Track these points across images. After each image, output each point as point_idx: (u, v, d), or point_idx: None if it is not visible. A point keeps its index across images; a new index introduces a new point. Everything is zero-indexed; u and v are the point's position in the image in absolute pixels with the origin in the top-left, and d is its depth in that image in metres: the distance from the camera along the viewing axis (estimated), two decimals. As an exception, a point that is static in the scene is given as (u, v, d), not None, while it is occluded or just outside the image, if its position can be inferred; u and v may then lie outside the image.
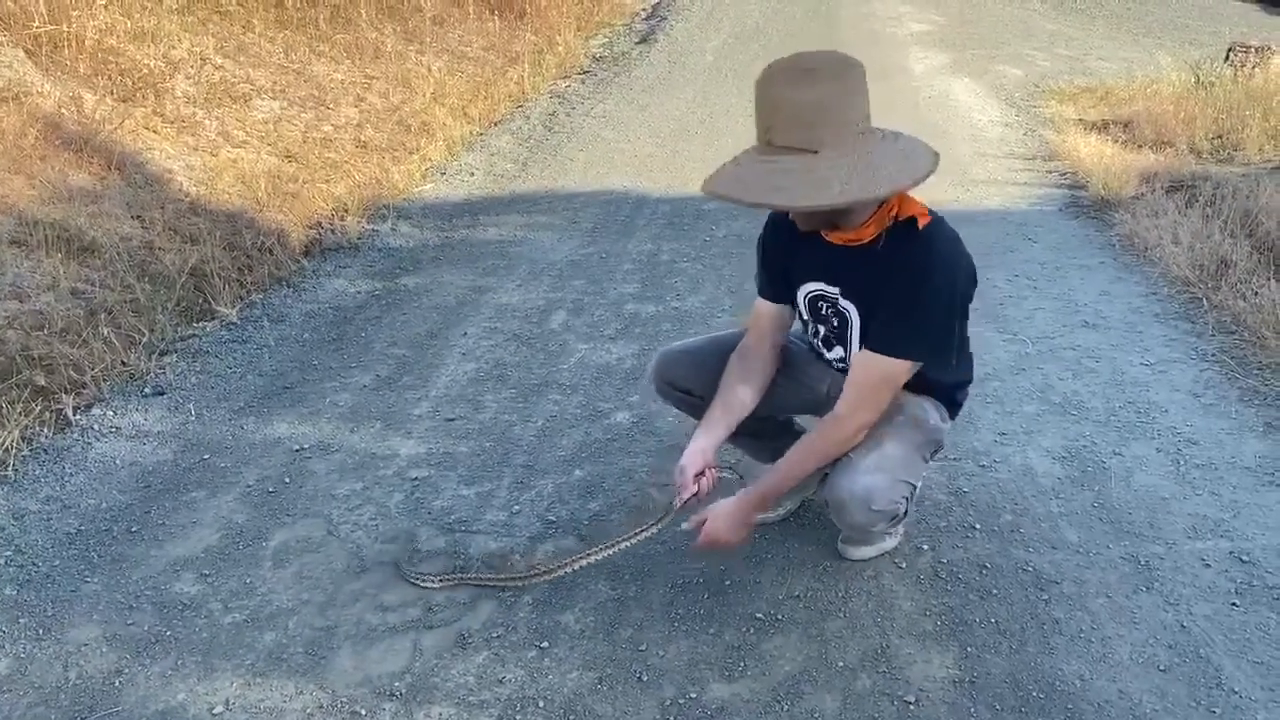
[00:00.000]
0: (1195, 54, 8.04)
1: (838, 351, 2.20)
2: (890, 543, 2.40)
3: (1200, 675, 2.02)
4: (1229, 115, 6.15)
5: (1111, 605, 2.23)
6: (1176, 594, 2.26)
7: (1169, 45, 9.55)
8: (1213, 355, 3.41)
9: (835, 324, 2.15)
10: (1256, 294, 3.66)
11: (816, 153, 1.75)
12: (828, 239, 2.02)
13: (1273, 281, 3.71)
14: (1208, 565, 2.35)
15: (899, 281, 1.93)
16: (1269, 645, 2.10)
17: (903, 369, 2.00)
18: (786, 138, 1.77)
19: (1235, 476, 2.71)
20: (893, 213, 1.93)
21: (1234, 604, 2.22)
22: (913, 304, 1.93)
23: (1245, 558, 2.37)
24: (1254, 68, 7.16)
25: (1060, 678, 2.02)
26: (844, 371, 2.21)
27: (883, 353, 1.98)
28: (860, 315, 2.08)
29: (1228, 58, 7.54)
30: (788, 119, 1.76)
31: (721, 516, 2.08)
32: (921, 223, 1.92)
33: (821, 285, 2.12)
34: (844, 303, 2.09)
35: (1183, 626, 2.15)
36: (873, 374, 2.01)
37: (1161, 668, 2.04)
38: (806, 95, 1.74)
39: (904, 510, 2.18)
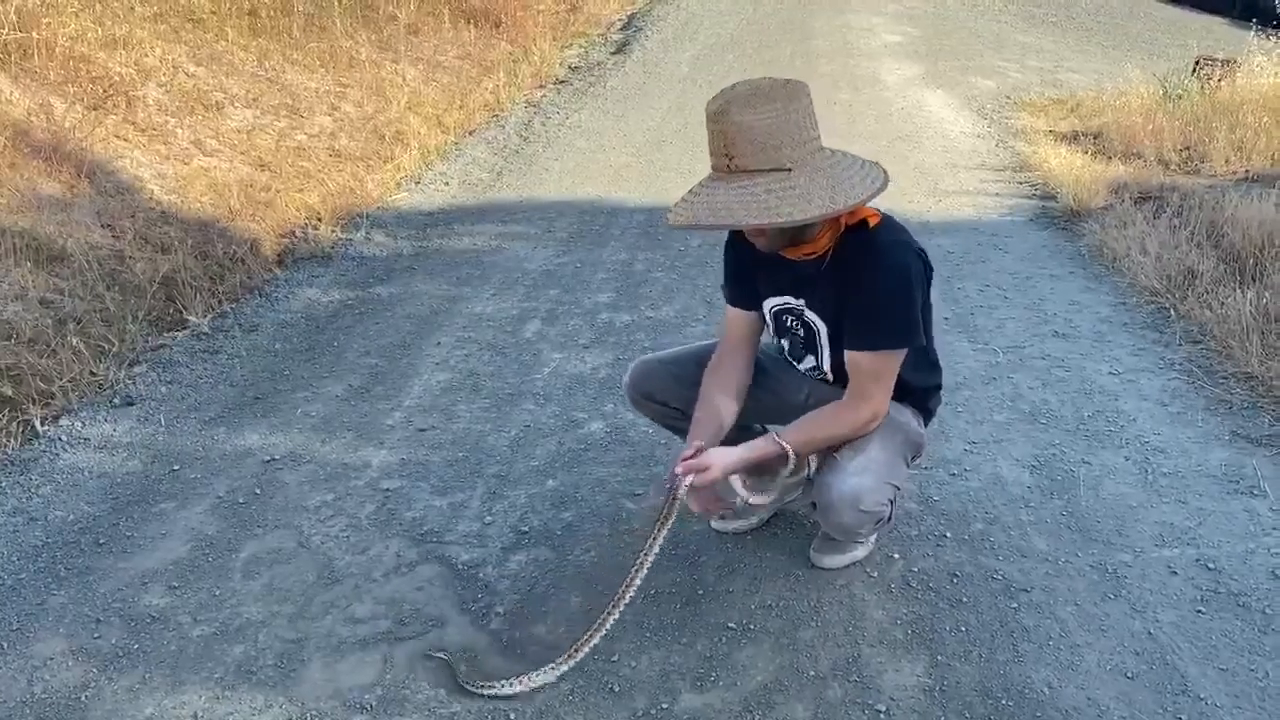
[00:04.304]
0: (1163, 67, 8.14)
1: (809, 361, 2.23)
2: (861, 551, 2.41)
3: (1167, 682, 2.04)
4: (1196, 127, 6.24)
5: (1080, 613, 2.25)
6: (1144, 601, 2.28)
7: (1138, 58, 9.67)
8: (1180, 364, 3.45)
9: (802, 335, 2.19)
10: (1222, 304, 3.70)
11: (790, 170, 1.80)
12: (785, 256, 2.05)
13: (1238, 291, 3.76)
14: (1174, 573, 2.38)
15: (860, 282, 1.97)
16: (1234, 651, 2.12)
17: (888, 359, 2.04)
18: (754, 161, 1.80)
19: (1201, 485, 2.75)
20: (843, 220, 1.97)
21: (1200, 611, 2.25)
22: (876, 299, 1.98)
23: (1211, 565, 2.40)
24: (1220, 80, 7.27)
25: (1029, 685, 2.04)
26: (821, 380, 2.23)
27: (865, 349, 2.03)
28: (828, 324, 2.11)
29: (1195, 71, 7.64)
30: (750, 143, 1.79)
31: (719, 463, 2.03)
32: (872, 223, 1.98)
33: (786, 299, 2.16)
34: (809, 315, 2.13)
35: (1150, 634, 2.18)
36: (865, 371, 2.05)
37: (1129, 675, 2.06)
38: (765, 119, 1.78)
39: (889, 514, 2.20)
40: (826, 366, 2.20)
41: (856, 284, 1.98)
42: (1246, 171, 5.57)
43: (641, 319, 3.93)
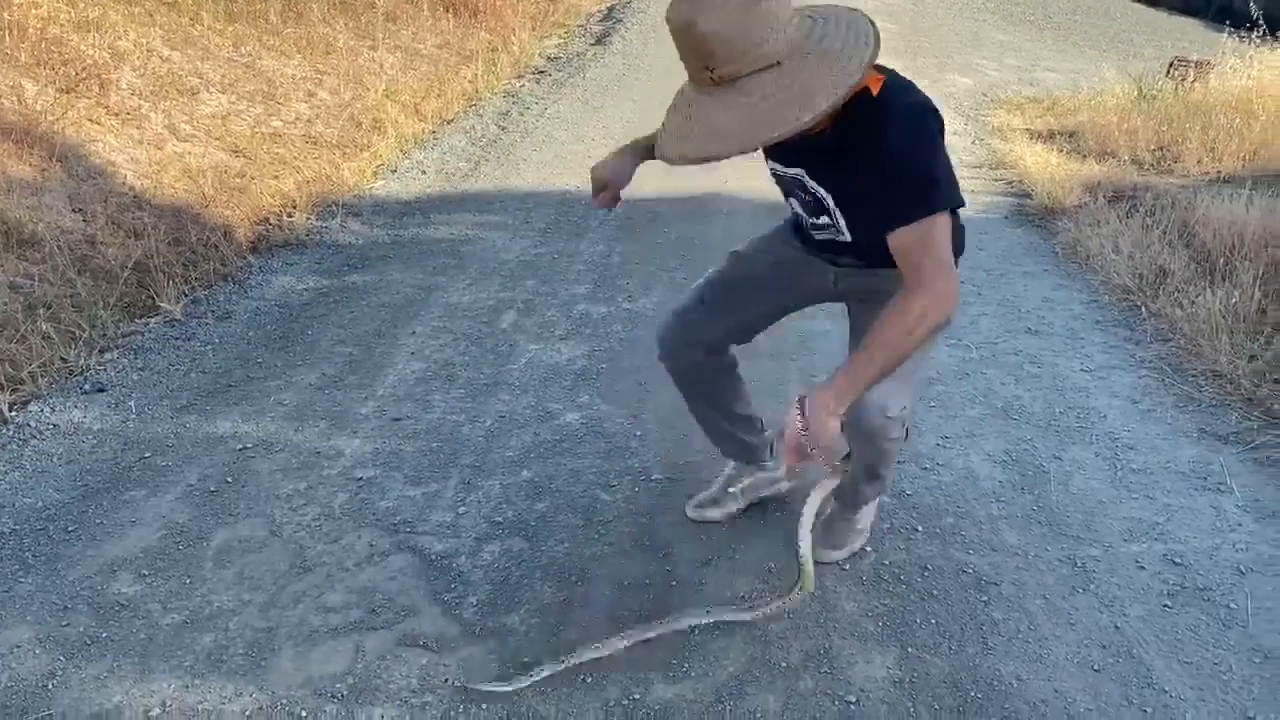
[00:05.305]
0: (1139, 67, 8.23)
1: (824, 219, 2.05)
2: (859, 542, 2.44)
3: (1132, 675, 2.07)
4: (1170, 128, 6.29)
5: (1049, 606, 2.27)
6: (1111, 595, 2.31)
7: (1114, 58, 9.76)
8: (1150, 362, 3.48)
9: (810, 199, 2.02)
10: (1193, 303, 3.75)
11: (779, 64, 1.62)
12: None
13: (1208, 290, 3.80)
14: (1142, 567, 2.41)
15: (872, 156, 1.77)
16: (1199, 645, 2.15)
17: (929, 226, 1.75)
18: (737, 66, 1.62)
19: (1170, 480, 2.78)
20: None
21: (1166, 605, 2.28)
22: (896, 168, 1.76)
23: (1178, 560, 2.43)
24: (1194, 82, 7.34)
25: (998, 678, 2.06)
26: (842, 245, 2.08)
27: (901, 224, 1.75)
28: (835, 198, 1.95)
29: (1169, 71, 7.72)
30: (728, 46, 1.60)
31: (815, 418, 1.71)
32: (875, 89, 1.78)
33: (775, 164, 2.02)
34: (810, 183, 1.96)
35: (1116, 627, 2.20)
36: (910, 248, 1.76)
37: (1096, 668, 2.09)
38: (735, 14, 1.58)
39: (905, 432, 2.10)
40: (842, 225, 2.00)
41: (869, 158, 1.77)
42: (1218, 172, 5.63)
43: (618, 311, 3.93)
